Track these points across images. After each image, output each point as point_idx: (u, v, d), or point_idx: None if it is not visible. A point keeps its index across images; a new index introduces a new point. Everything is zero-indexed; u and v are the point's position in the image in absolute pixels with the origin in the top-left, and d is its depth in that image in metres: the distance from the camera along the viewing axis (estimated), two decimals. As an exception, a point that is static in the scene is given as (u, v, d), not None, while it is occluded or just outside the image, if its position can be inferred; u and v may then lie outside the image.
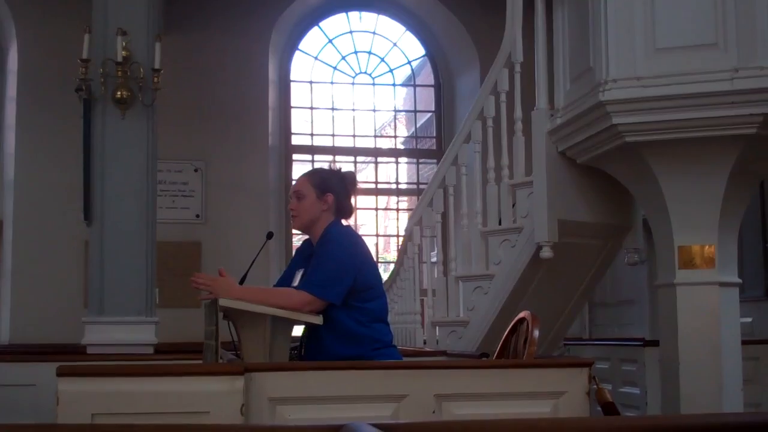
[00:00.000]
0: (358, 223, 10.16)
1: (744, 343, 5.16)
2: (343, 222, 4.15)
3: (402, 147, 11.20)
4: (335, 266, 3.87)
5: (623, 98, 4.66)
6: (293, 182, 9.20)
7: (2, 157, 9.28)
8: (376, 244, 10.49)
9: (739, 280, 5.07)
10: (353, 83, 10.53)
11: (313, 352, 3.95)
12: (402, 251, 7.43)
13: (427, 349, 6.26)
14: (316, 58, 10.41)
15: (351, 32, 10.54)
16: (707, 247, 4.84)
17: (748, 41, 4.47)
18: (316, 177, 4.13)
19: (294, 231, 9.58)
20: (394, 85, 10.77)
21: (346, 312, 3.88)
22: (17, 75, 9.15)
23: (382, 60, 10.60)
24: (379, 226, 10.62)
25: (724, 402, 4.76)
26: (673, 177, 4.81)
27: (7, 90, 9.34)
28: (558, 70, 5.42)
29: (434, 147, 10.70)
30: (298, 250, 4.31)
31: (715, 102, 4.51)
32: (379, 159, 10.69)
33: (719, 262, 4.85)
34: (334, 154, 10.29)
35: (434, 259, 7.15)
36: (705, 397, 4.75)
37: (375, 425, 1.56)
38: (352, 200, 4.21)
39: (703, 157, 4.71)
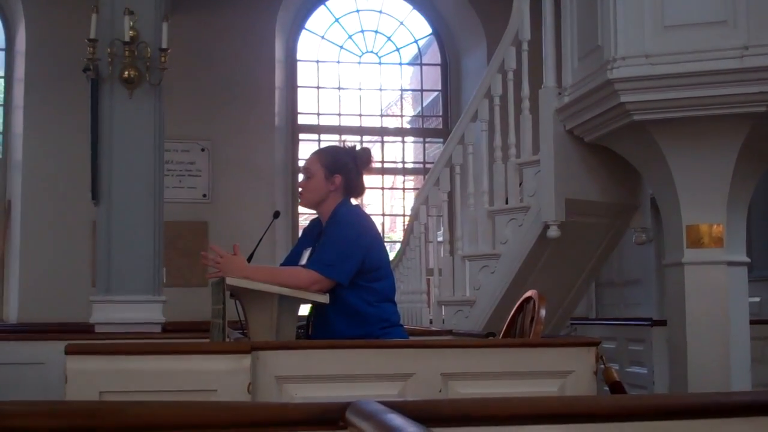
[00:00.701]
0: (364, 202, 10.15)
1: (752, 322, 5.15)
2: (353, 201, 4.13)
3: (408, 126, 11.18)
4: (344, 246, 3.85)
5: (631, 76, 4.64)
6: (300, 161, 9.24)
7: (10, 137, 9.29)
8: (382, 224, 10.49)
9: (748, 260, 5.05)
10: (360, 62, 10.51)
11: (320, 332, 3.94)
12: (408, 231, 7.43)
13: (434, 329, 6.26)
14: (322, 37, 10.38)
15: (357, 11, 10.51)
16: (715, 226, 4.83)
17: (758, 19, 4.44)
18: (326, 156, 4.08)
19: (301, 210, 9.60)
20: (400, 64, 10.75)
21: (354, 292, 3.87)
22: (25, 55, 9.16)
23: (389, 39, 10.58)
24: (385, 205, 10.62)
25: (732, 382, 4.76)
26: (681, 155, 4.79)
27: (15, 70, 9.35)
28: (566, 48, 5.39)
29: (440, 126, 10.69)
30: (306, 229, 4.29)
31: (725, 80, 4.48)
32: (386, 138, 10.68)
33: (728, 241, 4.84)
34: (340, 134, 10.28)
35: (440, 239, 7.14)
36: (713, 377, 4.74)
37: (382, 403, 1.56)
38: (364, 179, 4.16)
39: (711, 136, 4.69)
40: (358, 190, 4.12)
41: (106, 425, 1.58)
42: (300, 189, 4.11)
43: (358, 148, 4.19)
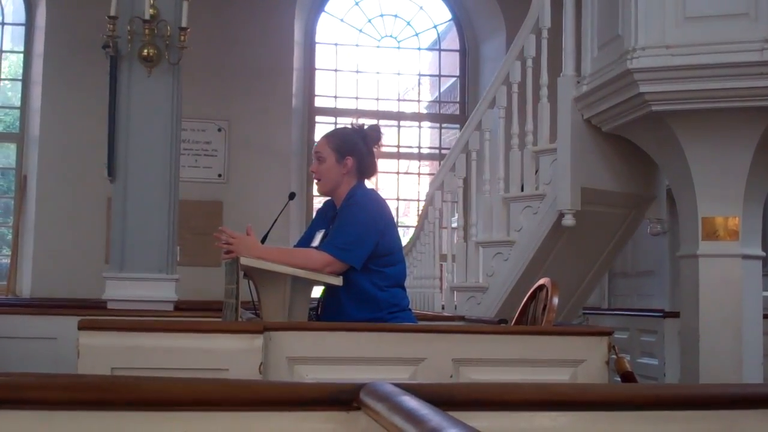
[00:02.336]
0: (378, 186, 10.16)
1: (766, 317, 5.14)
2: (367, 182, 4.12)
3: (425, 111, 11.16)
4: (358, 230, 3.84)
5: (651, 66, 4.62)
6: (315, 143, 9.24)
7: (28, 112, 9.32)
8: (397, 208, 10.49)
9: (763, 253, 5.04)
10: (378, 46, 10.49)
11: (330, 314, 3.94)
12: (423, 216, 7.43)
13: (445, 314, 6.26)
14: (341, 20, 10.37)
15: (377, -6, 10.50)
16: (731, 218, 4.81)
17: (780, 12, 4.42)
18: (335, 139, 4.05)
19: (315, 192, 9.60)
20: (419, 49, 10.72)
21: (365, 276, 3.85)
22: (45, 31, 9.18)
23: (408, 24, 10.55)
24: (400, 190, 10.61)
25: (744, 376, 4.75)
26: (699, 147, 4.77)
27: (34, 46, 9.37)
28: (585, 37, 5.37)
29: (457, 112, 10.67)
30: (320, 210, 4.27)
31: (744, 72, 4.46)
32: (402, 123, 10.66)
33: (743, 234, 4.83)
34: (357, 117, 10.26)
35: (455, 224, 7.14)
36: (724, 370, 4.73)
37: (396, 385, 1.56)
38: (377, 159, 4.14)
39: (730, 128, 4.67)
40: (371, 170, 4.10)
41: (120, 399, 1.59)
42: (314, 174, 4.09)
43: (366, 126, 4.17)
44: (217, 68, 9.18)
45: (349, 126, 4.22)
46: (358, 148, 4.02)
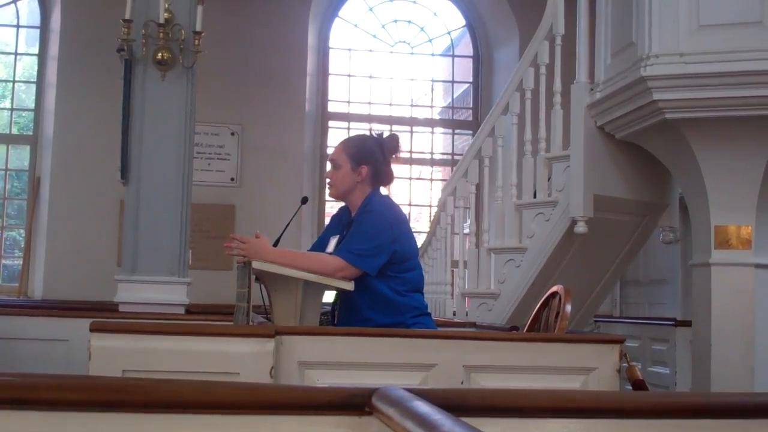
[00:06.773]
0: (390, 191, 10.14)
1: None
2: (383, 190, 4.12)
3: (438, 117, 11.16)
4: (374, 237, 3.82)
5: (665, 74, 4.62)
6: (329, 148, 9.22)
7: (42, 114, 9.35)
8: (409, 214, 10.48)
9: (776, 262, 5.03)
10: (392, 52, 10.49)
11: (347, 320, 3.92)
12: (435, 221, 7.43)
13: (457, 320, 6.25)
14: (355, 25, 10.38)
15: (391, 0, 10.49)
16: (744, 227, 4.80)
17: (795, 20, 4.41)
18: (351, 147, 4.05)
19: (327, 197, 9.61)
20: (432, 54, 10.72)
21: (385, 282, 3.84)
22: (59, 34, 9.21)
23: (422, 29, 10.56)
24: (413, 195, 10.61)
25: (756, 385, 4.74)
26: (712, 156, 4.76)
27: (49, 48, 9.41)
28: (599, 44, 5.38)
29: (470, 118, 10.67)
30: (335, 216, 4.26)
31: (758, 81, 4.46)
32: (415, 128, 10.66)
33: (756, 243, 4.82)
34: (370, 122, 10.27)
35: (467, 231, 7.13)
36: (736, 379, 4.72)
37: (409, 390, 1.56)
38: (392, 166, 4.14)
39: (743, 137, 4.67)
40: (387, 178, 4.10)
41: (134, 401, 1.59)
42: (327, 180, 4.10)
43: (385, 135, 4.17)
44: (230, 72, 9.20)
45: (368, 133, 4.22)
46: (374, 156, 4.01)
